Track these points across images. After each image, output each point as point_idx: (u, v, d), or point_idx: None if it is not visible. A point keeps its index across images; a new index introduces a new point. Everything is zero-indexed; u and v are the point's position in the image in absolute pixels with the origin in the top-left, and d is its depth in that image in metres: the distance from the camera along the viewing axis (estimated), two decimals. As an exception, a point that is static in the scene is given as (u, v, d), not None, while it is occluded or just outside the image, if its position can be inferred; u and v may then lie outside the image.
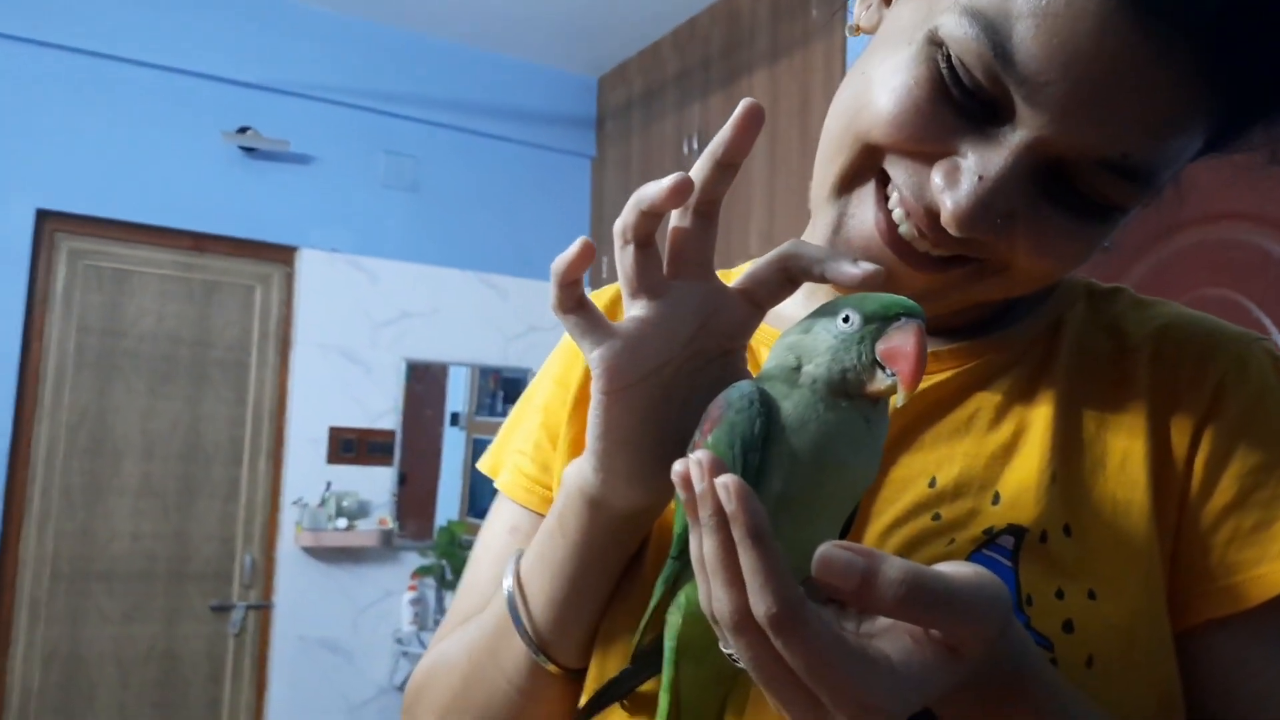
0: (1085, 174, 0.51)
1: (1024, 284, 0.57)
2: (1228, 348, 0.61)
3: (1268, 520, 0.55)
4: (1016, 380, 0.61)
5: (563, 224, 4.73)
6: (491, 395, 4.62)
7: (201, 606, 3.92)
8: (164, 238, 3.93)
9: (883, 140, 0.54)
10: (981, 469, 0.57)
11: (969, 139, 0.52)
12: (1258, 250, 2.21)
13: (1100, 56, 0.47)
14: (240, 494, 4.03)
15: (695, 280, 0.51)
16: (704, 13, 4.04)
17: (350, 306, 4.23)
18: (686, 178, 0.47)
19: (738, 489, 0.38)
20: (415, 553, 4.30)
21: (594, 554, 0.58)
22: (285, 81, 4.10)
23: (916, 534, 0.56)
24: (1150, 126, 0.49)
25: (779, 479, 0.45)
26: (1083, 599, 0.53)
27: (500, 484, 0.74)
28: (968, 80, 0.51)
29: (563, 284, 0.50)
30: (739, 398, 0.46)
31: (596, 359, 0.50)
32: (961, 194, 0.51)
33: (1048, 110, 0.49)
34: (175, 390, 3.93)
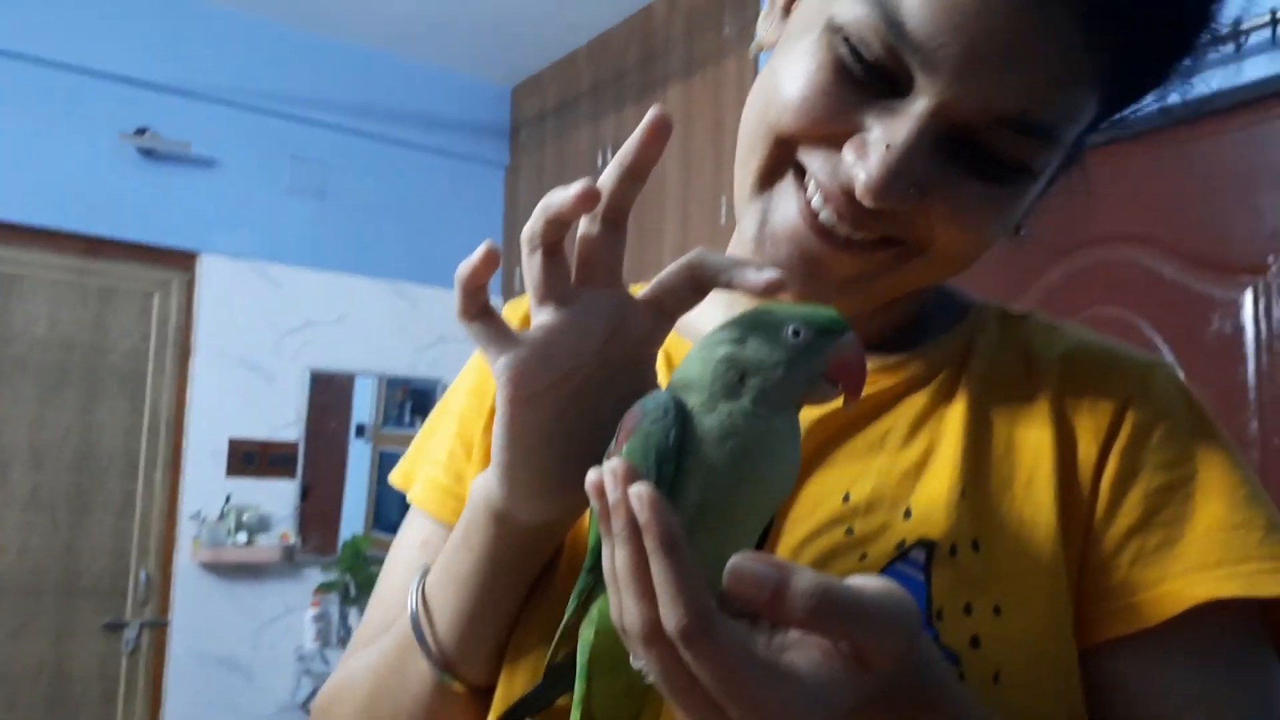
0: (989, 135, 0.53)
1: (946, 262, 0.58)
2: (1131, 371, 0.62)
3: (1170, 540, 0.57)
4: (929, 398, 0.62)
5: (475, 233, 4.68)
6: (399, 406, 4.54)
7: (94, 624, 3.76)
8: (56, 241, 3.77)
9: (792, 128, 0.55)
10: (894, 485, 0.58)
11: (874, 114, 0.53)
12: (1148, 271, 2.31)
13: (987, 14, 0.49)
14: (135, 507, 3.88)
15: (604, 289, 0.51)
16: (619, 26, 4.06)
17: (253, 314, 4.12)
18: (593, 186, 0.47)
19: (651, 498, 0.37)
20: (318, 568, 4.20)
21: (501, 568, 0.57)
22: (188, 82, 3.98)
23: (830, 548, 0.57)
24: (1044, 81, 0.51)
25: (696, 490, 0.45)
26: (989, 614, 0.54)
27: (412, 497, 0.73)
28: (867, 56, 0.52)
29: (467, 290, 0.49)
30: (654, 407, 0.46)
31: (501, 366, 0.50)
32: (871, 165, 0.52)
33: (944, 74, 0.51)
34: (67, 399, 3.77)
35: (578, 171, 4.21)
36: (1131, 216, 2.36)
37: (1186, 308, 2.23)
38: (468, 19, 4.14)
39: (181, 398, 3.99)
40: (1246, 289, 2.15)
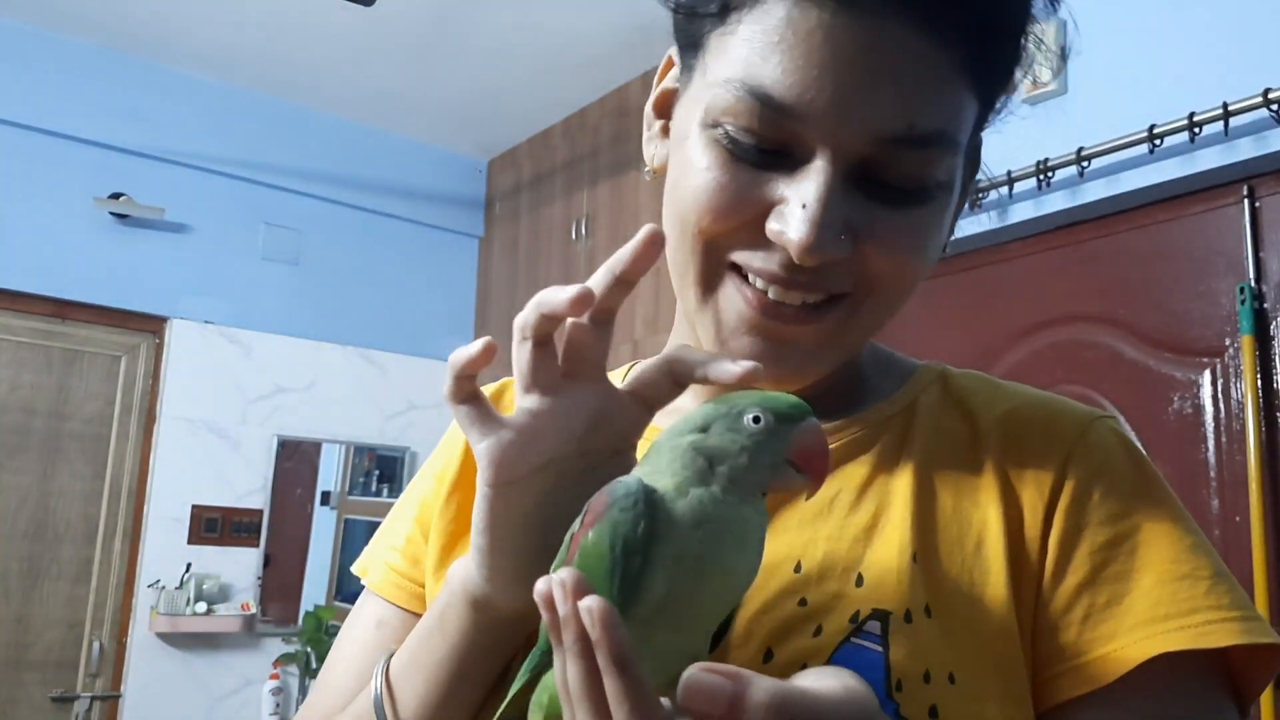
0: (893, 163, 0.55)
1: (894, 295, 0.59)
2: (1069, 427, 0.63)
3: (1118, 595, 0.57)
4: (875, 461, 0.62)
5: (448, 302, 4.70)
6: (366, 474, 4.50)
7: (41, 697, 3.64)
8: (22, 303, 3.74)
9: (713, 227, 0.57)
10: (845, 551, 0.58)
11: (781, 185, 0.55)
12: (1108, 349, 2.36)
13: (841, 57, 0.52)
14: (92, 576, 3.79)
15: (588, 381, 0.52)
16: (594, 104, 4.14)
17: (221, 380, 4.09)
18: (589, 290, 0.48)
19: (602, 614, 0.37)
20: (279, 639, 4.11)
21: (474, 656, 0.57)
22: (163, 148, 4.01)
23: (784, 620, 0.56)
24: (915, 92, 0.53)
25: (662, 582, 0.44)
26: (945, 682, 0.54)
27: (369, 583, 0.72)
28: (750, 139, 0.55)
29: (459, 375, 0.50)
30: (624, 495, 0.45)
31: (484, 450, 0.50)
32: (797, 227, 0.54)
33: (825, 121, 0.53)
34: (25, 464, 3.70)
35: (551, 245, 4.25)
36: (1093, 298, 2.42)
37: (1148, 387, 2.27)
38: (445, 93, 4.21)
39: (145, 463, 3.93)
40: (1205, 370, 2.20)
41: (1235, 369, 2.14)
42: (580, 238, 4.05)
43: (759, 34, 0.54)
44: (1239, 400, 2.13)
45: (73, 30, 3.82)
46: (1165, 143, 2.20)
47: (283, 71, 4.09)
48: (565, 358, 0.52)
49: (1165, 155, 2.23)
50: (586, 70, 3.91)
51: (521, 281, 4.46)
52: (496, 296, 4.64)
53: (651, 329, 3.61)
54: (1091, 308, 2.41)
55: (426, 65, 3.96)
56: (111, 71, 3.93)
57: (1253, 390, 2.08)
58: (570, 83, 4.02)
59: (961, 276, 2.64)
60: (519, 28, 3.64)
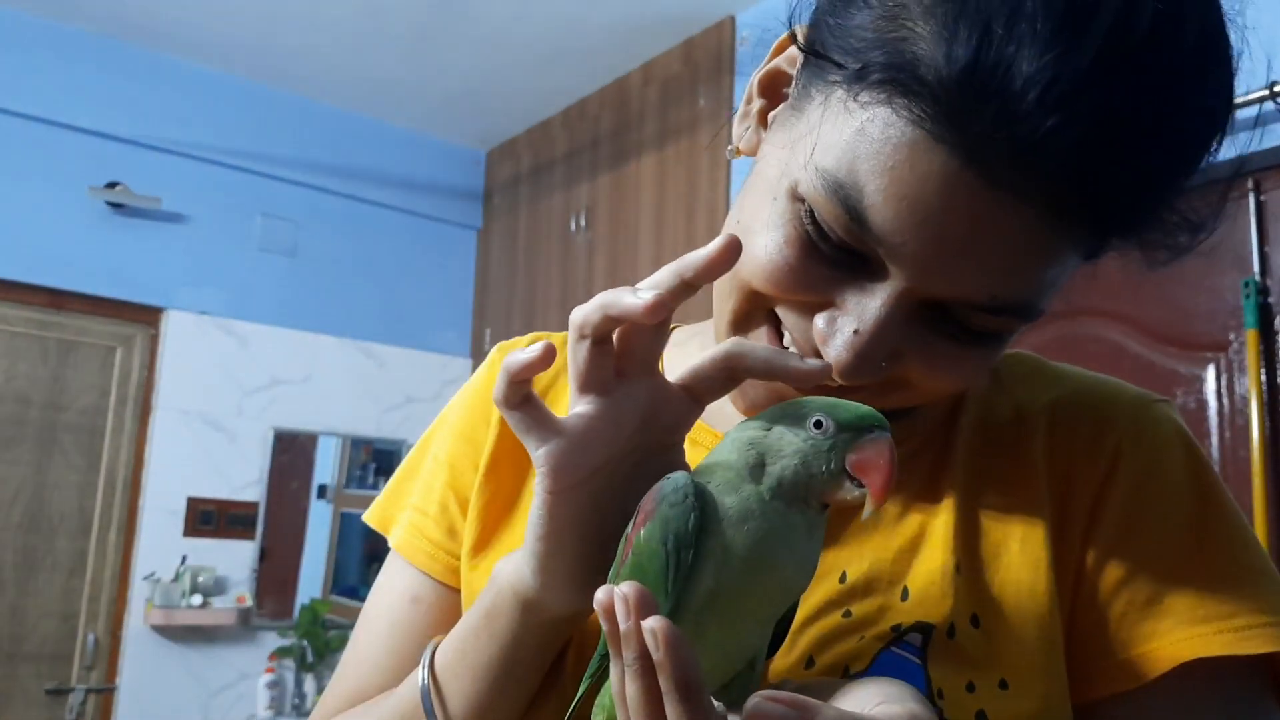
0: (962, 311, 0.52)
1: (929, 398, 0.58)
2: (1122, 415, 0.62)
3: (1160, 594, 0.56)
4: (921, 471, 0.61)
5: (446, 295, 4.69)
6: (363, 467, 4.49)
7: (35, 690, 3.62)
8: (17, 293, 3.72)
9: (764, 291, 0.55)
10: (890, 564, 0.58)
11: (846, 288, 0.53)
12: (1112, 344, 2.35)
13: (950, 214, 0.48)
14: (87, 568, 3.77)
15: (640, 378, 0.51)
16: (594, 95, 4.12)
17: (217, 371, 4.07)
18: (664, 300, 0.46)
19: (667, 637, 0.36)
20: (274, 633, 4.10)
21: (523, 656, 0.56)
22: (161, 138, 3.98)
23: (828, 631, 0.56)
24: (1013, 269, 0.50)
25: (710, 575, 0.44)
26: (994, 690, 0.53)
27: (396, 543, 0.70)
28: (833, 236, 0.52)
29: (514, 380, 0.48)
30: (673, 490, 0.45)
31: (543, 456, 0.49)
32: (840, 348, 0.52)
33: (910, 266, 0.50)
34: (19, 455, 3.68)
35: (549, 236, 4.24)
36: (1097, 292, 2.40)
37: (1152, 382, 2.26)
38: (444, 84, 4.18)
39: (140, 455, 3.91)
40: (1209, 365, 2.19)
41: (1239, 363, 2.14)
42: (580, 230, 4.03)
43: (878, 143, 0.49)
44: (1243, 395, 2.12)
45: (69, 18, 3.79)
46: (1171, 136, 2.19)
47: (280, 61, 4.06)
48: (620, 356, 0.50)
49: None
50: (586, 61, 3.89)
51: (520, 274, 4.44)
52: (495, 289, 4.62)
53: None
54: (1096, 302, 2.40)
55: (425, 55, 3.94)
56: (108, 60, 3.90)
57: (1256, 385, 2.07)
58: (570, 73, 4.00)
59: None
60: (518, 17, 3.62)
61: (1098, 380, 0.65)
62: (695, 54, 3.60)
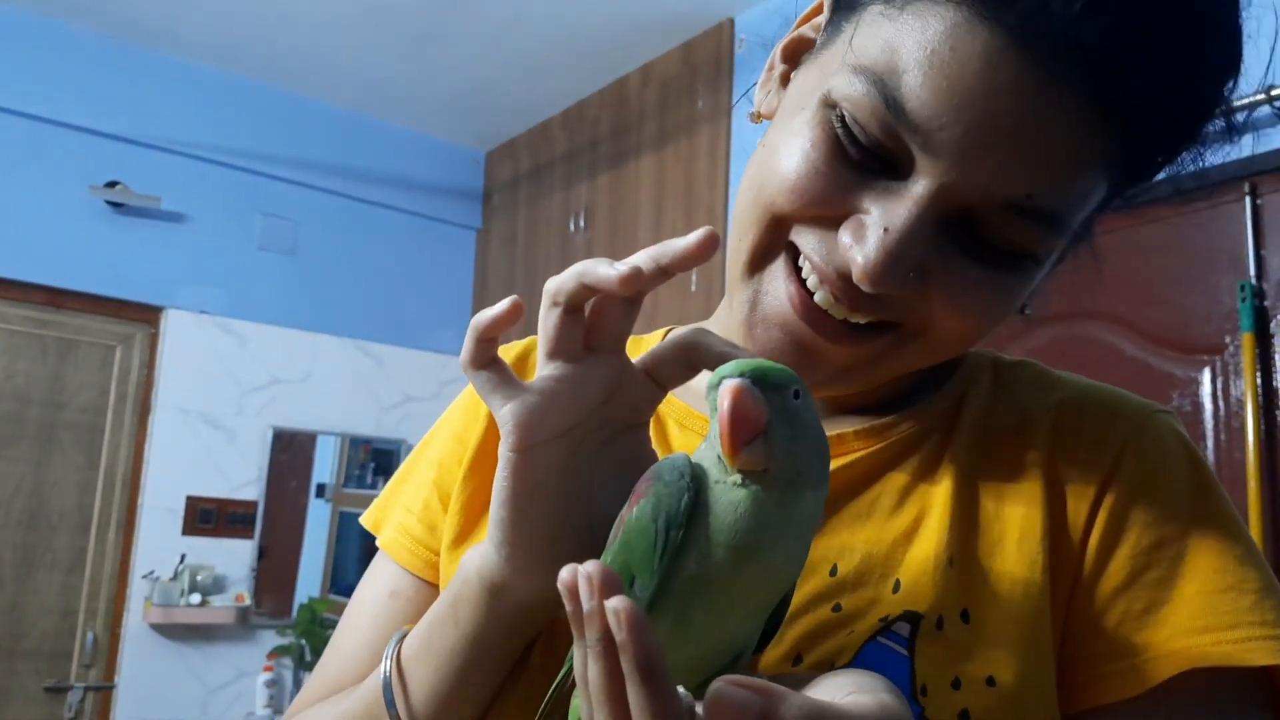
0: (993, 220, 0.51)
1: (945, 347, 0.56)
2: (1126, 421, 0.60)
3: (1157, 603, 0.55)
4: (919, 462, 0.60)
5: (445, 295, 4.69)
6: (361, 467, 4.49)
7: (34, 687, 3.63)
8: (17, 291, 3.72)
9: (787, 207, 0.54)
10: (883, 556, 0.57)
11: (872, 195, 0.52)
12: (1108, 346, 2.36)
13: (991, 96, 0.48)
14: (86, 566, 3.78)
15: (607, 353, 0.51)
16: (594, 95, 4.13)
17: (217, 370, 4.08)
18: (639, 270, 0.47)
19: (629, 616, 0.35)
20: (273, 631, 4.10)
21: (488, 645, 0.55)
22: (161, 137, 3.98)
23: (817, 626, 0.55)
24: (1050, 165, 0.49)
25: (694, 559, 0.43)
26: (980, 687, 0.52)
27: (382, 541, 0.71)
28: (864, 137, 0.51)
29: (481, 338, 0.49)
30: (669, 469, 0.44)
31: (507, 414, 0.49)
32: (870, 249, 0.51)
33: (945, 156, 0.49)
34: (19, 453, 3.69)
35: (549, 237, 4.24)
36: (1094, 294, 2.41)
37: (1148, 384, 2.27)
38: (443, 84, 4.19)
39: (139, 454, 3.91)
40: (1205, 367, 2.20)
41: (1235, 366, 2.14)
42: (579, 230, 4.04)
43: (917, 33, 0.49)
44: (1238, 398, 2.13)
45: (69, 17, 3.79)
46: (1168, 139, 2.20)
47: (280, 60, 4.06)
48: (589, 330, 0.50)
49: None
50: (586, 62, 3.89)
51: (519, 274, 4.44)
52: (494, 288, 4.62)
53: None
54: (1092, 305, 2.41)
55: (425, 55, 3.95)
56: (108, 59, 3.91)
57: (1252, 388, 2.08)
58: (570, 74, 4.00)
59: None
60: (518, 18, 3.62)
61: (1101, 388, 0.64)
62: (694, 56, 3.61)
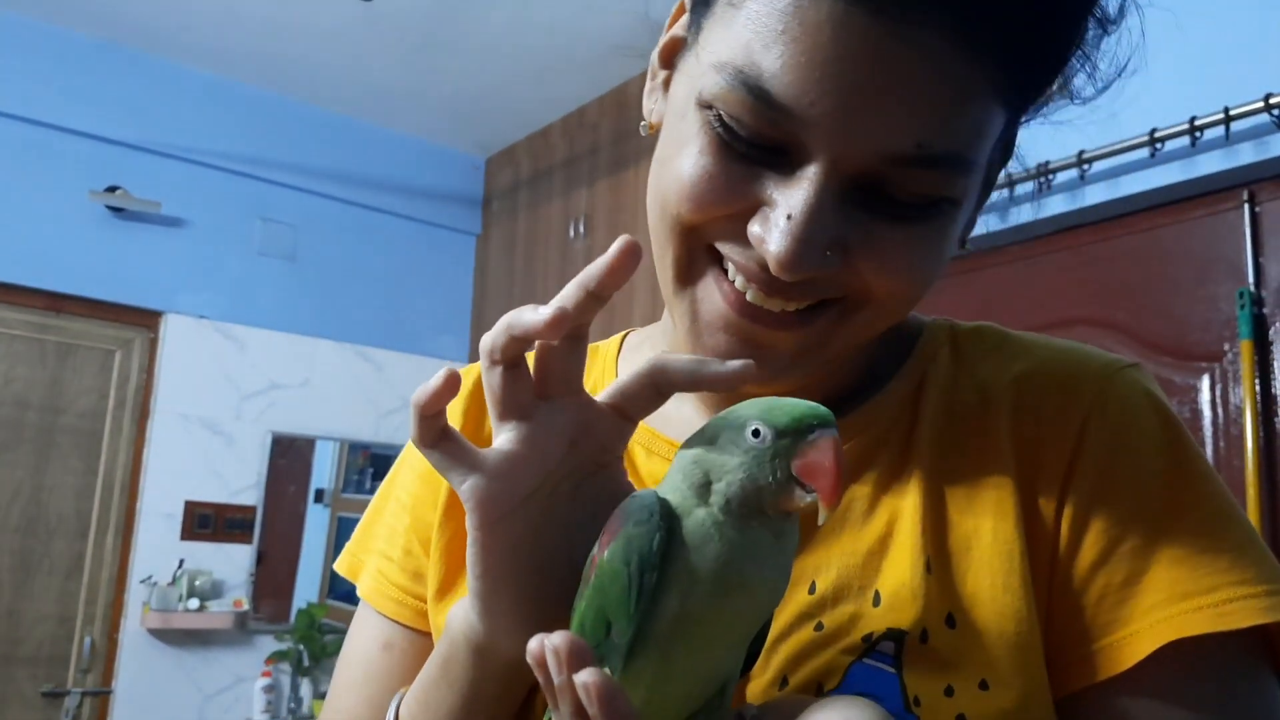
0: (895, 178, 0.50)
1: (891, 310, 0.55)
2: (1088, 386, 0.59)
3: (1137, 573, 0.53)
4: (885, 462, 0.59)
5: (444, 300, 4.69)
6: (360, 472, 4.49)
7: (31, 692, 3.62)
8: (16, 296, 3.72)
9: (693, 216, 0.53)
10: (859, 569, 0.55)
11: (771, 184, 0.51)
12: (1107, 354, 2.36)
13: (849, 59, 0.47)
14: (84, 571, 3.77)
15: (563, 398, 0.49)
16: (593, 102, 4.14)
17: (216, 375, 4.08)
18: (564, 312, 0.45)
19: (599, 691, 0.35)
20: (271, 637, 4.10)
21: (484, 703, 0.54)
22: (161, 142, 3.99)
23: (801, 647, 0.54)
24: (929, 110, 0.48)
25: (677, 598, 0.42)
26: (974, 691, 0.51)
27: (364, 591, 0.69)
28: (744, 131, 0.50)
29: (424, 415, 0.46)
30: (638, 509, 0.43)
31: (467, 491, 0.47)
32: (778, 239, 0.50)
33: (825, 130, 0.48)
34: (18, 458, 3.68)
35: (549, 242, 4.24)
36: (1092, 301, 2.42)
37: (1146, 391, 2.27)
38: (443, 90, 4.19)
39: (138, 458, 3.91)
40: (1204, 375, 2.20)
41: (1234, 374, 2.15)
42: (578, 236, 4.04)
43: (764, 15, 0.49)
44: (1237, 405, 2.13)
45: (70, 23, 3.80)
46: (1166, 147, 2.21)
47: (281, 66, 4.07)
48: (538, 378, 0.49)
49: (1166, 159, 2.23)
50: (586, 68, 3.90)
51: (519, 280, 4.45)
52: (493, 294, 4.63)
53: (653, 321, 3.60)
54: (1090, 311, 2.41)
55: (425, 61, 3.95)
56: (109, 64, 3.91)
57: (1251, 395, 2.08)
58: (569, 80, 4.01)
59: (960, 279, 2.64)
60: (518, 25, 3.63)
61: (1063, 350, 0.62)
62: (694, 62, 3.61)
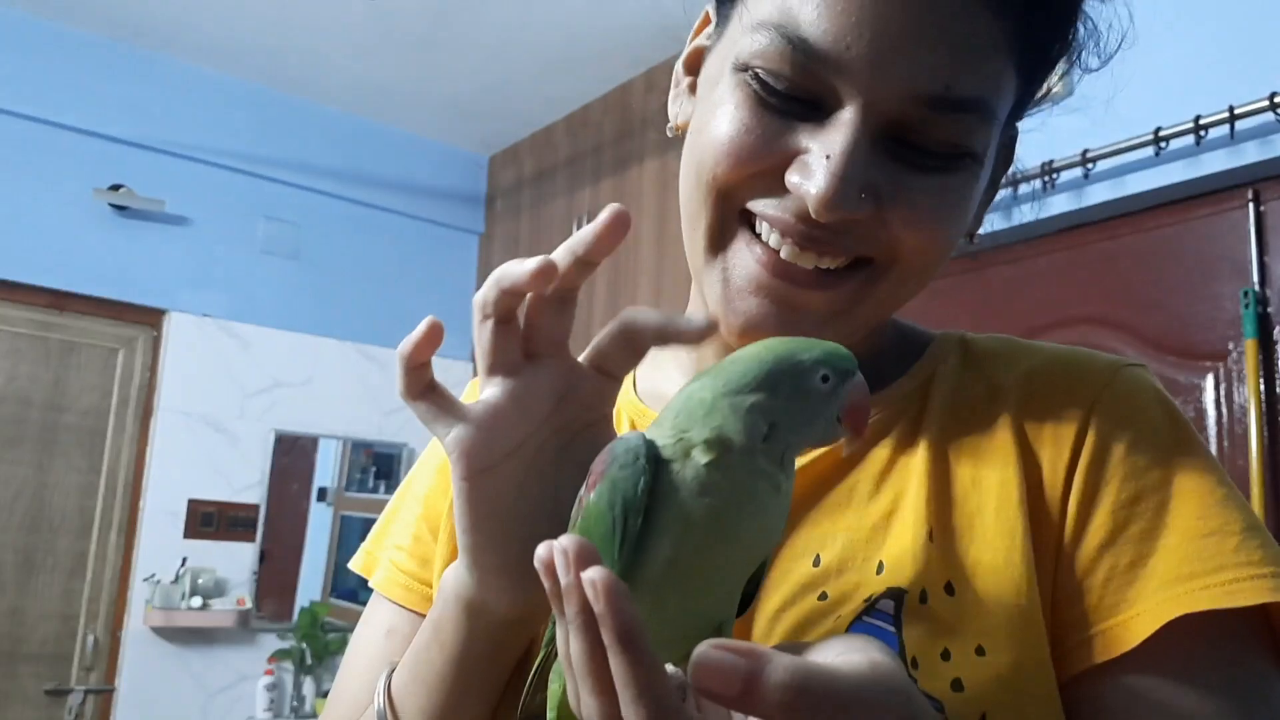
0: (925, 125, 0.53)
1: (916, 270, 0.57)
2: (1093, 377, 0.60)
3: (1143, 555, 0.54)
4: (893, 445, 0.60)
5: (447, 299, 4.69)
6: (363, 471, 4.49)
7: (35, 690, 3.62)
8: (20, 294, 3.73)
9: (730, 173, 0.55)
10: (864, 541, 0.57)
11: (806, 134, 0.54)
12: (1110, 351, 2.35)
13: (883, 5, 0.51)
14: (87, 569, 3.78)
15: (549, 359, 0.51)
16: (597, 101, 4.14)
17: (219, 374, 4.08)
18: (551, 262, 0.46)
19: (607, 587, 0.34)
20: (274, 635, 4.10)
21: (474, 666, 0.54)
22: (165, 140, 3.99)
23: (805, 615, 0.55)
24: (958, 54, 0.52)
25: (669, 543, 0.42)
26: (971, 656, 0.52)
27: (375, 582, 0.70)
28: (781, 85, 0.53)
29: (410, 367, 0.49)
30: (624, 451, 0.43)
31: (451, 443, 0.48)
32: (819, 178, 0.52)
33: (861, 73, 0.51)
34: (21, 455, 3.69)
35: (552, 240, 4.24)
36: (1096, 300, 2.41)
37: (1150, 391, 2.27)
38: (446, 88, 4.20)
39: (141, 457, 3.91)
40: (1208, 374, 2.20)
41: (1238, 373, 2.14)
42: (581, 235, 4.04)
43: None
44: (1241, 404, 2.13)
45: (74, 20, 3.80)
46: (1171, 146, 2.20)
47: (285, 65, 4.07)
48: (526, 337, 0.50)
49: (1170, 158, 2.23)
50: (589, 67, 3.90)
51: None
52: (496, 293, 4.62)
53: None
54: (1095, 310, 2.41)
55: (428, 60, 3.95)
56: (113, 62, 3.92)
57: (1255, 394, 2.08)
58: (573, 79, 4.01)
59: (965, 278, 2.64)
60: (521, 23, 3.63)
61: (1070, 350, 0.64)
62: (698, 61, 3.61)
